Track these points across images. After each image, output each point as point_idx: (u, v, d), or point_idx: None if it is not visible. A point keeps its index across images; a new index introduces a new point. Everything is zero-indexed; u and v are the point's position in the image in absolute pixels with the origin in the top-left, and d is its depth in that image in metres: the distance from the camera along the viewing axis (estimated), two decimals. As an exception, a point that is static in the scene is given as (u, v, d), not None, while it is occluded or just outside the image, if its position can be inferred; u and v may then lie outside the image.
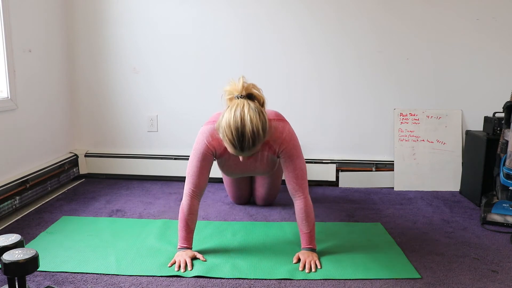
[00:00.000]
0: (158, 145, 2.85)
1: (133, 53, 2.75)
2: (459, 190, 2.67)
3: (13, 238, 1.37)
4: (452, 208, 2.36)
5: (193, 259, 1.64)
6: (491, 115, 2.44)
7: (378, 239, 1.90)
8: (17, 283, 1.27)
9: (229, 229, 1.98)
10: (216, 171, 2.07)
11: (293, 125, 1.80)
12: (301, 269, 1.59)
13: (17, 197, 2.13)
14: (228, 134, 1.50)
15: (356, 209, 2.32)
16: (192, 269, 1.57)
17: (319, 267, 1.61)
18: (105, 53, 2.76)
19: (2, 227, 1.95)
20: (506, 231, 2.01)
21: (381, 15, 2.67)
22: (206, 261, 1.64)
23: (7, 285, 1.27)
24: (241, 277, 1.53)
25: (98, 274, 1.54)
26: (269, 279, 1.52)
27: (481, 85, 2.71)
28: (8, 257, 1.23)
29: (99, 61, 2.77)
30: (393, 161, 2.74)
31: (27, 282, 1.38)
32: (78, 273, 1.54)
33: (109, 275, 1.54)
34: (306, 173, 1.73)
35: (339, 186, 2.76)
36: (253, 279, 1.53)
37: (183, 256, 1.62)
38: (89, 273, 1.54)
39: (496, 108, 2.51)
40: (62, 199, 2.39)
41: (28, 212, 2.17)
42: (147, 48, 2.75)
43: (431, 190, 2.69)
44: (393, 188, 2.72)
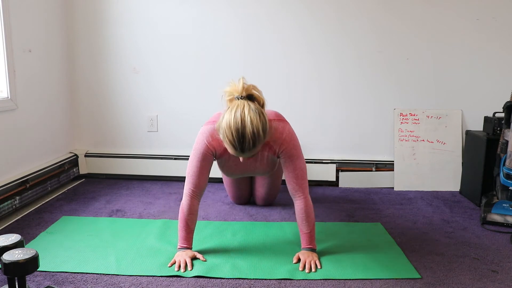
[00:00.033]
0: (158, 145, 2.85)
1: (133, 53, 2.76)
2: (459, 190, 2.67)
3: (13, 238, 1.37)
4: (452, 208, 2.36)
5: (193, 259, 1.65)
6: (491, 115, 2.44)
7: (378, 239, 1.90)
8: (17, 283, 1.27)
9: (229, 229, 1.98)
10: (216, 171, 2.07)
11: (293, 125, 1.80)
12: (301, 269, 1.59)
13: (17, 197, 2.13)
14: (228, 135, 1.50)
15: (356, 209, 2.33)
16: (192, 269, 1.57)
17: (319, 267, 1.61)
18: (105, 53, 2.76)
19: (2, 227, 1.96)
20: (506, 231, 2.01)
21: (381, 15, 2.67)
22: (206, 261, 1.64)
23: (7, 285, 1.27)
24: (241, 277, 1.53)
25: (98, 274, 1.54)
26: (269, 279, 1.52)
27: (481, 85, 2.71)
28: (8, 257, 1.23)
29: (99, 61, 2.77)
30: (393, 161, 2.74)
31: (27, 282, 1.38)
32: (78, 273, 1.54)
33: (109, 275, 1.54)
34: (306, 173, 1.73)
35: (339, 186, 2.76)
36: (253, 279, 1.53)
37: (183, 256, 1.62)
38: (89, 273, 1.54)
39: (496, 108, 2.51)
40: (62, 199, 2.39)
41: (28, 212, 2.17)
42: (147, 48, 2.75)
43: (431, 190, 2.69)
44: (393, 188, 2.72)
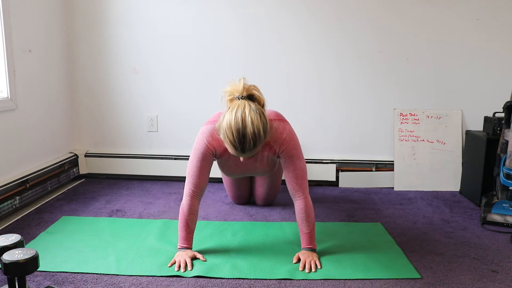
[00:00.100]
0: (158, 145, 2.85)
1: (133, 53, 2.76)
2: (459, 190, 2.67)
3: (13, 238, 1.37)
4: (452, 208, 2.36)
5: (193, 259, 1.65)
6: (491, 115, 2.44)
7: (378, 239, 1.90)
8: (17, 283, 1.27)
9: (229, 229, 1.98)
10: (216, 171, 2.07)
11: (293, 125, 1.80)
12: (301, 269, 1.59)
13: (17, 197, 2.13)
14: (229, 135, 1.50)
15: (356, 209, 2.32)
16: (192, 269, 1.57)
17: (319, 267, 1.61)
18: (105, 53, 2.76)
19: (2, 227, 1.96)
20: (506, 231, 2.01)
21: (381, 15, 2.67)
22: (206, 261, 1.64)
23: (7, 285, 1.27)
24: (241, 277, 1.53)
25: (98, 274, 1.54)
26: (269, 279, 1.52)
27: (481, 85, 2.71)
28: (8, 257, 1.23)
29: (99, 61, 2.77)
30: (393, 161, 2.74)
31: (27, 282, 1.38)
32: (78, 273, 1.54)
33: (109, 275, 1.54)
34: (306, 173, 1.73)
35: (339, 186, 2.76)
36: (253, 279, 1.53)
37: (183, 256, 1.62)
38: (89, 273, 1.54)
39: (496, 108, 2.51)
40: (62, 199, 2.39)
41: (28, 212, 2.17)
42: (147, 48, 2.75)
43: (431, 190, 2.69)
44: (393, 188, 2.72)
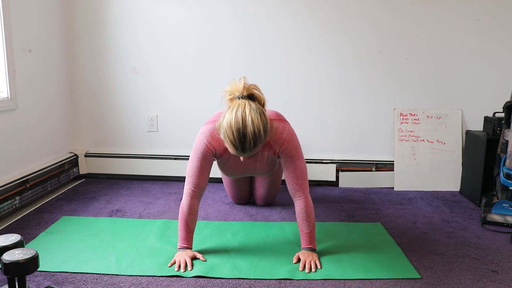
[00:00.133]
0: (158, 145, 2.85)
1: (133, 53, 2.75)
2: (459, 190, 2.67)
3: (13, 238, 1.37)
4: (452, 208, 2.36)
5: (193, 259, 1.65)
6: (491, 115, 2.44)
7: (378, 239, 1.90)
8: (17, 283, 1.27)
9: (229, 229, 1.98)
10: (216, 171, 2.07)
11: (293, 125, 1.80)
12: (301, 269, 1.59)
13: (17, 197, 2.13)
14: (229, 135, 1.50)
15: (356, 209, 2.32)
16: (192, 269, 1.57)
17: (319, 267, 1.61)
18: (105, 53, 2.76)
19: (2, 227, 1.96)
20: (506, 231, 2.01)
21: (381, 15, 2.67)
22: (206, 261, 1.64)
23: (7, 285, 1.27)
24: (241, 277, 1.53)
25: (98, 274, 1.54)
26: (269, 279, 1.52)
27: (481, 85, 2.71)
28: (8, 257, 1.23)
29: (99, 61, 2.77)
30: (393, 161, 2.74)
31: (27, 282, 1.38)
32: (78, 273, 1.54)
33: (109, 275, 1.54)
34: (306, 173, 1.73)
35: (339, 186, 2.76)
36: (253, 279, 1.53)
37: (183, 256, 1.62)
38: (89, 273, 1.54)
39: (496, 108, 2.51)
40: (62, 199, 2.39)
41: (28, 212, 2.17)
42: (147, 48, 2.75)
43: (431, 190, 2.69)
44: (393, 188, 2.72)
